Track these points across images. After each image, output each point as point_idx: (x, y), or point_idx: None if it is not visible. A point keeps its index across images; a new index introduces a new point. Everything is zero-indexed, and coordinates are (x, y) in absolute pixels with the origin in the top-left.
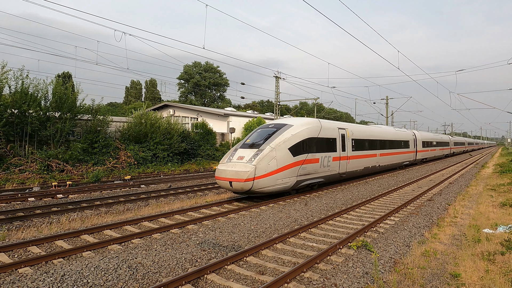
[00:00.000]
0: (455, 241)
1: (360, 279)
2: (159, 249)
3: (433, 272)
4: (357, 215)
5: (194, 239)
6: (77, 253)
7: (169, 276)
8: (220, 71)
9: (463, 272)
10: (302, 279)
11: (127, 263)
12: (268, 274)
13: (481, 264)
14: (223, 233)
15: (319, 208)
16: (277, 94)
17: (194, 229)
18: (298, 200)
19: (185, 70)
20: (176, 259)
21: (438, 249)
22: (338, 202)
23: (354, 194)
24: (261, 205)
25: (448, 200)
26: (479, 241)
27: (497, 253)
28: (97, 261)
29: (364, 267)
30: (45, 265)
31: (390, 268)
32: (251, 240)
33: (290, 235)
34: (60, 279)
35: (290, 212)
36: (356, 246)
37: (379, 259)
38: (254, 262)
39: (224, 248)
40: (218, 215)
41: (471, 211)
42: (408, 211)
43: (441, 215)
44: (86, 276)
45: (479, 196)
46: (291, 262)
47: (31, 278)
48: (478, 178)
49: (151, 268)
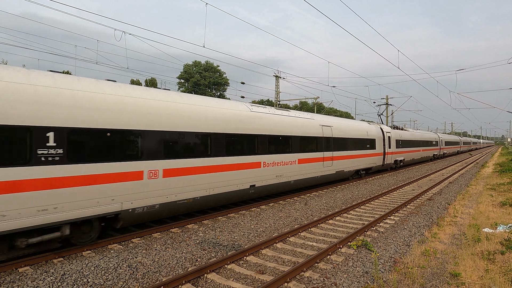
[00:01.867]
0: (455, 240)
1: (360, 279)
2: (159, 248)
3: (433, 271)
4: (357, 214)
5: (194, 238)
6: (77, 252)
7: (169, 276)
8: (220, 71)
9: (463, 272)
10: (302, 278)
11: (127, 262)
12: (268, 273)
13: (481, 264)
14: (223, 232)
15: (319, 208)
16: (277, 93)
17: (194, 228)
18: (298, 200)
19: (185, 70)
20: (176, 258)
21: (438, 248)
22: (338, 202)
23: (354, 193)
24: (261, 204)
25: (448, 200)
26: (479, 241)
27: (497, 253)
28: (97, 260)
29: (364, 266)
30: (45, 264)
31: (390, 267)
32: (251, 240)
33: (290, 234)
34: (60, 278)
35: (290, 212)
36: (356, 245)
37: (379, 258)
38: (254, 261)
39: (224, 247)
40: (218, 214)
41: (471, 210)
42: (408, 210)
43: (441, 215)
44: (86, 275)
45: (479, 196)
46: (291, 262)
47: (31, 277)
48: (478, 178)
49: (151, 267)
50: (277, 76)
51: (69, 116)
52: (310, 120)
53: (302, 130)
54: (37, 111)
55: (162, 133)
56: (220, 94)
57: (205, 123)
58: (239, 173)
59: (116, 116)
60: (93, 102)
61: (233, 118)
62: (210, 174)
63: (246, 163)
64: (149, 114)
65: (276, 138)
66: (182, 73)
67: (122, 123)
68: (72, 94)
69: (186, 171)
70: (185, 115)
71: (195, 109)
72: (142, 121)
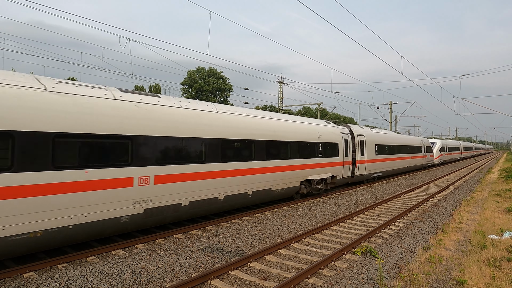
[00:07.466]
0: (461, 247)
1: (365, 285)
2: (163, 254)
3: (439, 278)
4: (361, 220)
5: (198, 244)
6: (82, 258)
7: (173, 282)
8: (223, 76)
9: (469, 279)
10: (306, 285)
11: (131, 268)
12: (272, 279)
13: (487, 271)
14: (226, 238)
15: (323, 214)
16: (280, 99)
17: (197, 234)
18: (302, 206)
19: (188, 75)
20: (180, 264)
21: (443, 255)
22: (342, 208)
23: (358, 199)
24: (265, 210)
25: (453, 206)
26: (485, 247)
27: (503, 260)
28: (101, 266)
29: (368, 273)
30: (50, 269)
31: (395, 274)
32: (255, 246)
33: (294, 240)
34: (65, 284)
35: (293, 218)
36: (360, 251)
37: (383, 265)
38: (258, 267)
39: (228, 253)
40: (222, 220)
41: (476, 216)
42: (413, 216)
43: (446, 221)
44: (91, 281)
45: (485, 202)
46: (295, 268)
47: (35, 283)
48: (483, 184)
49: (155, 273)
50: (280, 82)
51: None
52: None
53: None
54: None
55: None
56: (223, 100)
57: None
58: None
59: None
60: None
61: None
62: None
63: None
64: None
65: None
66: (186, 79)
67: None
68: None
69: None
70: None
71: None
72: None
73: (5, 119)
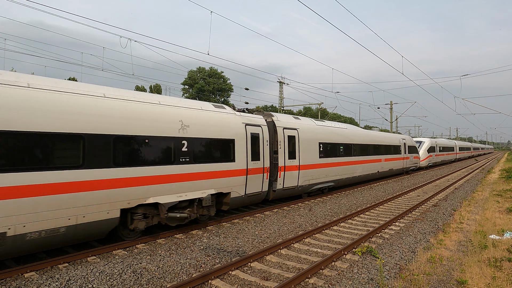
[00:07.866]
0: (461, 247)
1: (365, 285)
2: (164, 254)
3: (439, 278)
4: (361, 220)
5: (199, 244)
6: (82, 258)
7: (174, 282)
8: (224, 77)
9: (470, 279)
10: (307, 285)
11: (131, 268)
12: (272, 280)
13: (488, 271)
14: (227, 238)
15: (324, 214)
16: (281, 99)
17: (198, 234)
18: (302, 206)
19: (189, 76)
20: (180, 264)
21: (444, 255)
22: (343, 208)
23: (359, 199)
24: (265, 210)
25: (454, 206)
26: (486, 247)
27: (504, 260)
28: (102, 266)
29: (369, 273)
30: (51, 269)
31: (395, 274)
32: (256, 246)
33: (295, 240)
34: (66, 284)
35: (294, 218)
36: (361, 252)
37: (384, 265)
38: (259, 267)
39: (228, 253)
40: (222, 220)
41: (477, 216)
42: (413, 216)
43: (447, 221)
44: (91, 281)
45: (485, 202)
46: (296, 268)
47: (36, 282)
48: (484, 184)
49: (155, 273)
50: (281, 82)
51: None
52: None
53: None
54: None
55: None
56: (224, 100)
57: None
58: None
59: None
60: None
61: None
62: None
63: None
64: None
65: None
66: (187, 79)
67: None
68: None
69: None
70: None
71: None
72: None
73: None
